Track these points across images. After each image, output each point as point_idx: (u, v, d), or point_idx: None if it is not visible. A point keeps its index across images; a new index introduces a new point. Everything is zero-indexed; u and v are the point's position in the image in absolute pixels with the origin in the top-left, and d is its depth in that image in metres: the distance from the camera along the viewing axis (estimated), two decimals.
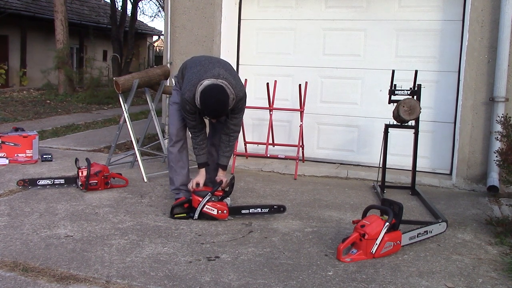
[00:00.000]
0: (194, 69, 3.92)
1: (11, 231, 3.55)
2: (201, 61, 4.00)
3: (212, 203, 3.90)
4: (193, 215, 3.91)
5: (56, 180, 4.75)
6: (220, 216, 3.91)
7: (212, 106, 3.66)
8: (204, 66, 3.89)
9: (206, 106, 3.67)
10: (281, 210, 4.06)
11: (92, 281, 2.81)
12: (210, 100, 3.64)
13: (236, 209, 4.03)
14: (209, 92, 3.65)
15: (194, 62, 4.05)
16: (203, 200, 3.88)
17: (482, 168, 5.14)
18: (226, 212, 3.92)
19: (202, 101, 3.67)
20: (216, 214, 3.90)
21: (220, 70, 3.83)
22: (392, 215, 3.29)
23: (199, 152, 4.06)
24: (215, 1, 5.95)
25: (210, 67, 3.85)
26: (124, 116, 5.40)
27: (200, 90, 3.69)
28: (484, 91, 5.10)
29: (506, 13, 4.89)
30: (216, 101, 3.65)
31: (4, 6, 15.23)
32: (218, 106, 3.67)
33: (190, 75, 3.90)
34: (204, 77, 3.75)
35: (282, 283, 2.86)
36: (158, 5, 24.72)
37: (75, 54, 19.04)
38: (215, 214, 3.90)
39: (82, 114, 10.97)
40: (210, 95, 3.64)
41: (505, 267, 3.16)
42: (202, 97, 3.67)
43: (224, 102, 3.66)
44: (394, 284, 2.89)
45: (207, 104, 3.66)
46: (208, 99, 3.64)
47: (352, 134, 6.05)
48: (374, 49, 5.86)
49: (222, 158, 4.10)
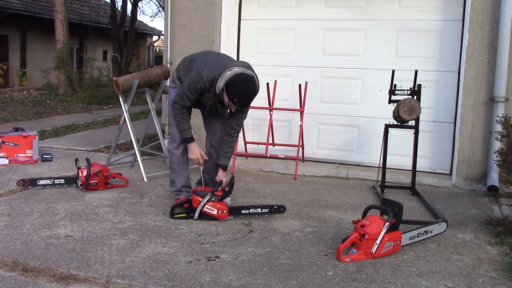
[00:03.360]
0: (210, 57, 3.89)
1: (11, 231, 3.55)
2: (213, 53, 4.00)
3: (212, 203, 3.90)
4: (193, 215, 3.92)
5: (56, 180, 4.75)
6: (220, 216, 3.91)
7: (247, 93, 3.66)
8: (223, 57, 3.88)
9: (239, 92, 3.63)
10: (281, 211, 4.06)
11: (92, 281, 2.81)
12: (245, 87, 3.64)
13: (236, 209, 4.03)
14: (243, 79, 3.64)
15: (204, 54, 4.04)
16: (203, 200, 3.88)
17: (482, 168, 5.14)
18: (226, 212, 3.92)
19: (235, 86, 3.62)
20: (216, 214, 3.91)
21: (249, 64, 3.84)
22: (392, 215, 3.29)
23: (188, 126, 4.01)
24: (215, 1, 5.95)
25: (232, 59, 3.85)
26: (124, 116, 5.40)
27: (231, 75, 3.64)
28: (484, 91, 5.10)
29: (506, 13, 4.90)
30: (251, 88, 3.67)
31: (4, 6, 15.23)
32: (251, 95, 3.68)
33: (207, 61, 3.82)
34: (233, 65, 3.72)
35: (282, 283, 2.86)
36: (158, 5, 24.75)
37: (75, 54, 19.04)
38: (215, 214, 3.90)
39: (82, 114, 10.97)
40: (245, 82, 3.64)
41: (505, 267, 3.16)
42: (235, 82, 3.62)
43: (255, 93, 3.70)
44: (394, 284, 2.89)
45: (241, 91, 3.64)
46: (243, 86, 3.64)
47: (352, 134, 6.05)
48: (374, 49, 5.86)
49: (223, 158, 4.10)
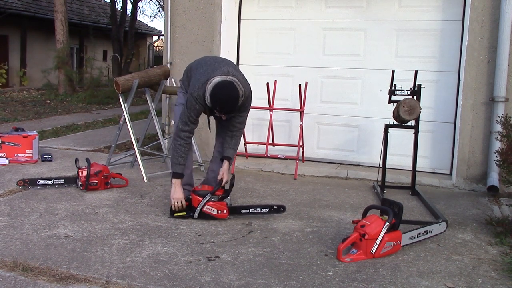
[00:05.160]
0: (201, 69, 3.96)
1: (11, 231, 3.55)
2: (206, 62, 4.05)
3: (212, 203, 3.91)
4: (193, 214, 3.92)
5: (56, 180, 4.75)
6: (220, 216, 3.91)
7: (225, 101, 3.68)
8: (211, 65, 3.93)
9: (219, 101, 3.68)
10: (281, 210, 4.06)
11: (92, 281, 2.81)
12: (222, 95, 3.68)
13: (236, 209, 4.03)
14: (221, 88, 3.69)
15: (199, 63, 4.08)
16: (203, 200, 3.89)
17: (482, 168, 5.14)
18: (226, 212, 3.92)
19: (214, 97, 3.68)
20: (216, 214, 3.91)
21: (229, 68, 3.88)
22: (392, 215, 3.29)
23: (183, 162, 3.94)
24: (215, 1, 5.95)
25: (217, 66, 3.89)
26: (124, 116, 5.41)
27: (211, 87, 3.70)
28: (484, 91, 5.10)
29: (506, 13, 4.89)
30: (228, 96, 3.68)
31: (4, 6, 15.23)
32: (231, 101, 3.69)
33: (198, 75, 3.92)
34: (213, 75, 3.78)
35: (282, 283, 2.86)
36: (158, 5, 24.75)
37: (75, 54, 19.03)
38: (215, 214, 3.91)
39: (82, 114, 10.97)
40: (222, 90, 3.68)
41: (505, 267, 3.16)
42: (214, 93, 3.68)
43: (236, 97, 3.70)
44: (394, 284, 2.89)
45: (220, 99, 3.68)
46: (220, 94, 3.68)
47: (352, 134, 6.05)
48: (374, 49, 5.86)
49: (227, 150, 4.09)
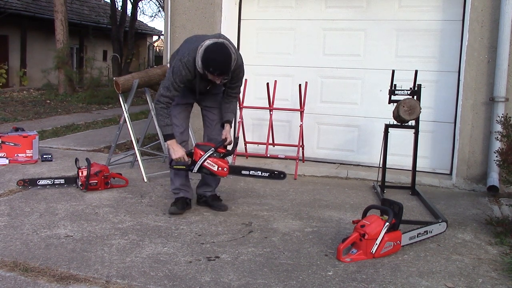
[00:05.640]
0: (191, 40, 3.99)
1: (11, 231, 3.55)
2: (196, 35, 4.13)
3: (214, 159, 3.83)
4: (193, 168, 3.85)
5: (56, 180, 4.75)
6: (220, 173, 3.85)
7: (219, 60, 3.68)
8: (201, 37, 3.97)
9: (212, 61, 3.68)
10: (281, 177, 4.03)
11: (92, 281, 2.81)
12: (216, 54, 3.69)
13: (237, 169, 3.96)
14: (213, 49, 3.70)
15: (189, 38, 4.12)
16: (205, 155, 3.81)
17: (482, 168, 5.14)
18: (227, 170, 3.85)
19: (207, 58, 3.69)
20: (216, 170, 3.83)
21: (220, 35, 3.97)
22: (392, 215, 3.29)
23: (170, 122, 3.92)
24: (215, 1, 5.95)
25: (208, 36, 3.93)
26: (124, 116, 5.41)
27: (202, 50, 3.72)
28: (484, 91, 5.10)
29: (506, 13, 4.89)
30: (221, 55, 3.69)
31: (4, 6, 15.23)
32: (224, 60, 3.70)
33: (188, 45, 3.93)
34: (205, 39, 3.80)
35: (282, 283, 2.86)
36: (158, 5, 24.73)
37: (75, 54, 19.03)
38: (215, 170, 3.83)
39: (82, 114, 10.97)
40: (215, 51, 3.69)
41: (505, 267, 3.16)
42: (206, 55, 3.69)
43: (229, 56, 3.71)
44: (394, 284, 2.89)
45: (213, 59, 3.68)
46: (213, 54, 3.69)
47: (352, 134, 6.05)
48: (374, 49, 5.85)
49: (227, 114, 4.09)
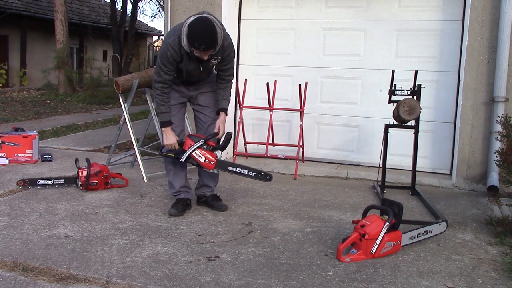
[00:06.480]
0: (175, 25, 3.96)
1: (11, 231, 3.55)
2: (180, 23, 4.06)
3: (203, 151, 3.86)
4: (181, 157, 3.89)
5: (56, 180, 4.75)
6: (206, 166, 3.87)
7: (203, 33, 3.59)
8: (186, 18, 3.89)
9: (196, 35, 3.59)
10: (267, 178, 3.98)
11: (92, 281, 2.81)
12: (199, 27, 3.60)
13: (224, 164, 3.97)
14: (196, 22, 3.62)
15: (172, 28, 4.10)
16: (194, 145, 3.85)
17: (482, 168, 5.14)
18: (213, 164, 3.87)
19: (191, 31, 3.61)
20: (203, 162, 3.86)
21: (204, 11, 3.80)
22: (392, 215, 3.29)
23: (167, 109, 3.94)
24: (215, 1, 5.95)
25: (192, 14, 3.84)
26: (124, 116, 5.41)
27: (186, 27, 3.64)
28: (484, 91, 5.10)
29: (506, 13, 4.89)
30: (205, 27, 3.59)
31: (4, 6, 15.24)
32: (209, 32, 3.60)
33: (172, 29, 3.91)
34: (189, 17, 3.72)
35: (282, 283, 2.86)
36: (158, 5, 24.75)
37: (75, 54, 19.04)
38: (202, 162, 3.86)
39: (82, 114, 10.97)
40: (198, 24, 3.60)
41: (505, 267, 3.16)
42: (190, 28, 3.62)
43: (213, 28, 3.61)
44: (394, 284, 2.89)
45: (197, 32, 3.59)
46: (197, 27, 3.60)
47: (352, 134, 6.05)
48: (374, 49, 5.85)
49: (222, 102, 4.05)
